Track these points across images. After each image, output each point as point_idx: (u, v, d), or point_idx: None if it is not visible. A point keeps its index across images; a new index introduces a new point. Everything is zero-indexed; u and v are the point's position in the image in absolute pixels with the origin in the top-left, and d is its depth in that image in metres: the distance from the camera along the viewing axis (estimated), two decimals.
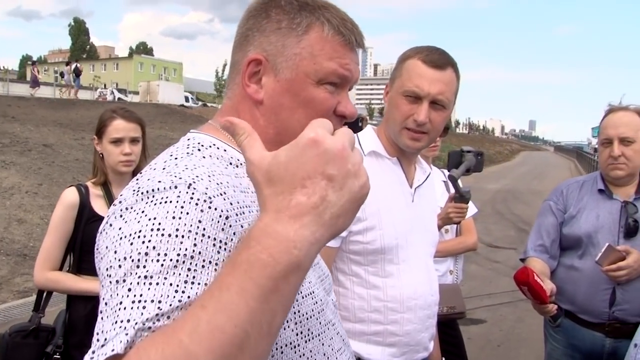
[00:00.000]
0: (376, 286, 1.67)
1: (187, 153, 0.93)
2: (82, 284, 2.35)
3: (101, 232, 0.85)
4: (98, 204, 2.39)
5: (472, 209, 2.90)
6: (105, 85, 49.16)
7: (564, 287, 2.34)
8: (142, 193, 0.83)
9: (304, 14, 0.99)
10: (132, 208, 0.82)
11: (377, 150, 1.73)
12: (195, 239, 0.78)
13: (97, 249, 0.84)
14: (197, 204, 0.80)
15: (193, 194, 0.81)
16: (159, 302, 0.72)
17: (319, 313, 0.98)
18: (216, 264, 0.78)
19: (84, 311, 2.34)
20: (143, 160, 2.50)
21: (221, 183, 0.86)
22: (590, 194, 2.47)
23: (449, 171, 2.51)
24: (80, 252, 2.38)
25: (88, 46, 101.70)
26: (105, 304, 0.76)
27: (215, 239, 0.80)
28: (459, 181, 2.51)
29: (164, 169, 0.87)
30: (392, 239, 1.67)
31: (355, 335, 1.68)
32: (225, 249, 0.80)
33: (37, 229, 7.71)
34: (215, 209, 0.81)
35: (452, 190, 2.59)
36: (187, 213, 0.79)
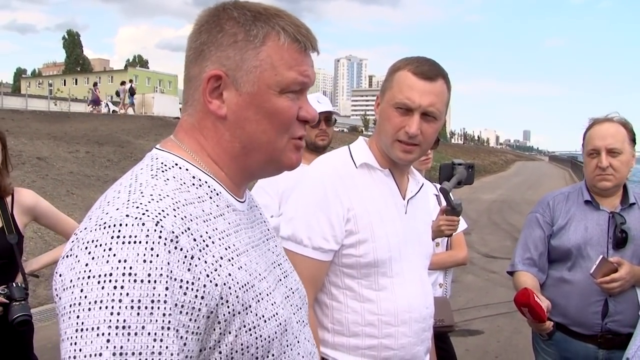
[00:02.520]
0: (370, 300, 1.65)
1: (152, 176, 0.93)
2: None
3: (64, 257, 0.84)
4: None
5: (462, 224, 2.89)
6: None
7: (555, 300, 2.31)
8: (108, 226, 0.82)
9: (259, 24, 0.98)
10: (98, 242, 0.81)
11: (369, 162, 1.71)
12: (167, 282, 0.80)
13: (60, 275, 0.83)
14: (165, 244, 0.82)
15: (161, 232, 0.82)
16: (140, 354, 0.76)
17: (281, 334, 0.99)
18: (182, 306, 0.81)
19: None
20: (5, 175, 2.52)
21: (185, 217, 0.88)
22: (577, 205, 2.45)
23: (440, 184, 2.51)
24: None
25: (82, 59, 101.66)
26: (72, 343, 0.77)
27: (182, 280, 0.82)
28: (451, 194, 2.51)
29: (128, 198, 0.87)
30: (385, 252, 1.64)
31: (350, 349, 1.65)
32: (192, 289, 0.83)
33: (30, 243, 7.64)
34: (181, 249, 0.84)
35: (444, 204, 2.58)
36: (157, 255, 0.80)
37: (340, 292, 1.67)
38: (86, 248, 0.81)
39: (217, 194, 1.00)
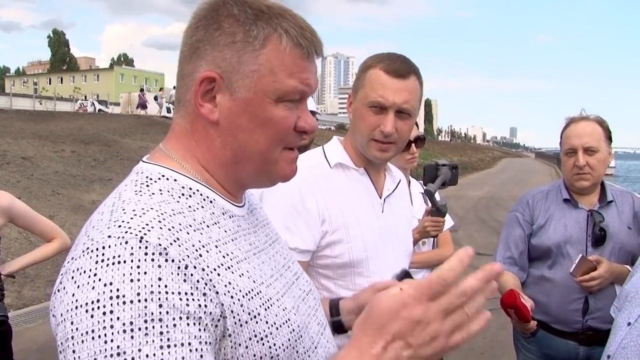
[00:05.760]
0: None
1: (135, 192, 0.87)
2: None
3: (55, 293, 0.79)
4: None
5: (448, 221, 2.91)
6: (85, 97, 48.67)
7: (536, 298, 2.33)
8: (91, 251, 0.76)
9: (260, 24, 0.89)
10: (82, 269, 0.75)
11: (343, 162, 1.70)
12: (159, 299, 0.74)
13: (52, 311, 0.78)
14: (153, 260, 0.75)
15: (147, 247, 0.76)
16: None
17: (295, 341, 0.91)
18: (187, 317, 0.75)
19: None
20: None
21: (173, 227, 0.81)
22: (556, 203, 2.47)
23: (424, 185, 2.52)
24: None
25: (68, 58, 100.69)
26: None
27: (180, 292, 0.75)
28: (436, 195, 2.52)
29: (110, 218, 0.81)
30: (361, 252, 1.64)
31: None
32: (193, 299, 0.76)
33: (15, 244, 7.57)
34: (173, 260, 0.77)
35: (430, 204, 2.60)
36: (145, 272, 0.74)
37: (318, 292, 1.66)
38: (72, 277, 0.76)
39: (211, 202, 0.93)
